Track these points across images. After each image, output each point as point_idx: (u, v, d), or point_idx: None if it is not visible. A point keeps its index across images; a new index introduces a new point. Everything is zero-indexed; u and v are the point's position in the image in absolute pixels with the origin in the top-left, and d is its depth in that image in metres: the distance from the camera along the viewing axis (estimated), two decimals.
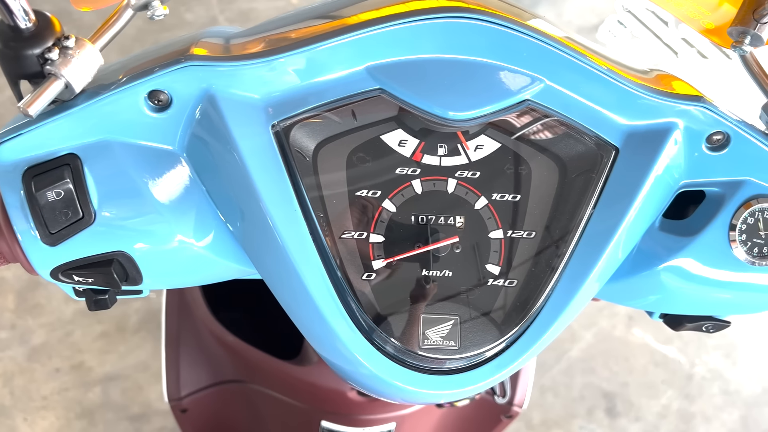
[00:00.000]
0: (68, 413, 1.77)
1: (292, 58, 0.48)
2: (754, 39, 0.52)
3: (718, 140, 0.54)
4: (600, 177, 0.52)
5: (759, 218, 0.54)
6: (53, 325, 1.87)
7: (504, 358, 0.53)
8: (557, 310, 0.52)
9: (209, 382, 1.11)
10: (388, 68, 0.50)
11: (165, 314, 1.10)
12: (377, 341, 0.52)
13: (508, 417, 1.19)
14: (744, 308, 0.58)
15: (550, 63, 0.51)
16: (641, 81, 0.53)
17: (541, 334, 0.53)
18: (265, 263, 0.52)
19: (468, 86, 0.50)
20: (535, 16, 0.56)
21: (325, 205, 0.51)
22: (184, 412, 1.13)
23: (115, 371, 1.83)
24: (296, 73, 0.49)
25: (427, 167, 0.53)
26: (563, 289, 0.52)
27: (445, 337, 0.52)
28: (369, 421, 0.99)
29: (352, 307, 0.51)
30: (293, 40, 0.49)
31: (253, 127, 0.49)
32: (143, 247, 0.50)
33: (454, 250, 0.53)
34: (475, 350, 0.52)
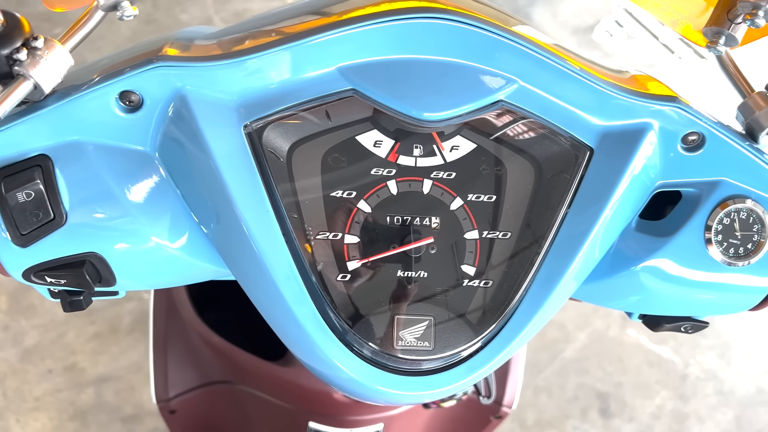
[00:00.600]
0: (61, 414, 1.77)
1: (263, 58, 0.48)
2: (728, 39, 0.52)
3: (694, 141, 0.54)
4: (574, 177, 0.52)
5: (735, 219, 0.54)
6: (46, 326, 1.87)
7: (479, 358, 0.53)
8: (532, 310, 0.52)
9: (197, 383, 1.11)
10: (361, 69, 0.49)
11: (152, 315, 1.10)
12: (351, 343, 0.51)
13: (498, 417, 1.19)
14: (721, 309, 0.58)
15: (524, 64, 0.51)
16: (616, 82, 0.53)
17: (516, 333, 0.52)
18: (238, 265, 0.52)
19: (441, 87, 0.50)
20: (515, 19, 0.56)
21: (300, 206, 0.51)
22: (172, 413, 1.13)
23: (108, 372, 1.83)
24: (267, 73, 0.49)
25: (403, 168, 0.53)
26: (538, 288, 0.52)
27: (419, 338, 0.52)
28: (356, 422, 0.98)
29: (325, 309, 0.51)
30: (264, 41, 0.49)
31: (225, 128, 0.48)
32: (115, 248, 0.50)
33: (430, 250, 0.53)
34: (449, 351, 0.52)
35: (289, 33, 0.49)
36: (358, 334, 0.51)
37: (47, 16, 2.53)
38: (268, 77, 0.49)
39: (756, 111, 0.53)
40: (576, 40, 2.93)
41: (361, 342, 0.51)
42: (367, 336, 0.52)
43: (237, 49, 0.49)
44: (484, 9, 0.53)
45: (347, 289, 0.52)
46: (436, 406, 0.99)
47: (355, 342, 0.51)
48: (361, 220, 0.52)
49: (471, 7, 0.52)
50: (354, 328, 0.51)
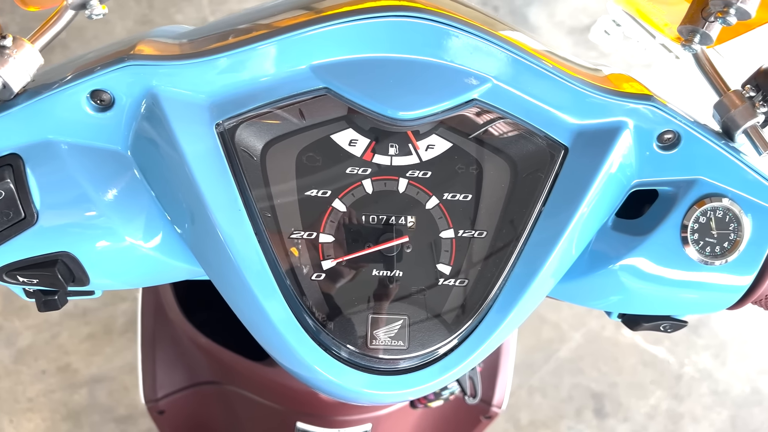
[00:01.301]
0: (54, 415, 1.77)
1: (234, 56, 0.48)
2: (703, 37, 0.52)
3: (669, 139, 0.54)
4: (549, 176, 0.52)
5: (711, 217, 0.54)
6: (40, 327, 1.87)
7: (455, 357, 0.53)
8: (507, 308, 0.52)
9: (186, 384, 1.10)
10: (334, 67, 0.49)
11: (141, 315, 1.10)
12: (324, 342, 0.51)
13: (487, 417, 1.18)
14: (699, 308, 0.58)
15: (498, 62, 0.51)
16: (591, 80, 0.53)
17: (491, 331, 0.52)
18: (210, 265, 0.52)
19: (415, 86, 0.50)
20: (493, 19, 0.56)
21: (274, 205, 0.51)
22: (161, 414, 1.12)
23: (101, 373, 1.83)
24: (239, 72, 0.49)
25: (378, 167, 0.52)
26: (512, 287, 0.52)
27: (393, 337, 0.52)
28: (344, 422, 0.98)
29: (298, 308, 0.51)
30: (236, 39, 0.49)
31: (197, 127, 0.48)
32: (88, 248, 0.50)
33: (405, 249, 0.53)
34: (424, 350, 0.52)
35: (260, 31, 0.49)
36: (331, 333, 0.51)
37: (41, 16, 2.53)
38: (240, 76, 0.49)
39: (731, 109, 0.53)
40: (572, 41, 2.93)
41: (335, 341, 0.51)
42: (340, 335, 0.51)
43: (208, 48, 0.48)
44: (459, 8, 0.53)
45: (322, 288, 0.52)
46: (423, 406, 0.99)
47: (328, 342, 0.51)
48: (336, 219, 0.52)
49: (446, 6, 0.52)
50: (327, 328, 0.51)
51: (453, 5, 0.53)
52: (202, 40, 0.50)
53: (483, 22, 0.52)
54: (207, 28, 0.53)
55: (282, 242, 0.51)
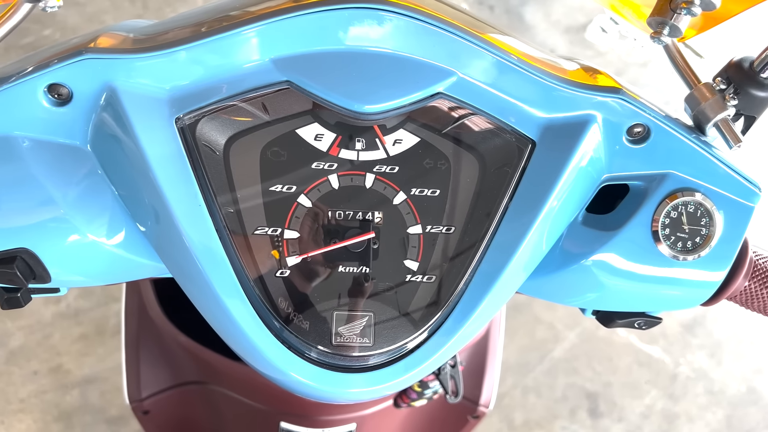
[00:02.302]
0: (45, 416, 1.76)
1: (192, 49, 0.47)
2: (672, 30, 0.51)
3: (639, 133, 0.53)
4: (516, 170, 0.52)
5: (682, 212, 0.53)
6: (32, 327, 1.86)
7: (422, 353, 0.52)
8: (474, 303, 0.51)
9: (170, 384, 1.10)
10: (296, 60, 0.49)
11: (124, 315, 1.09)
12: (288, 340, 0.51)
13: (475, 417, 1.18)
14: (673, 304, 0.57)
15: (463, 55, 0.50)
16: (560, 73, 0.52)
17: (459, 326, 0.52)
18: (173, 262, 0.51)
19: (378, 79, 0.49)
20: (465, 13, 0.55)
21: (237, 200, 0.50)
22: (146, 414, 1.12)
23: (93, 374, 1.82)
24: (198, 65, 0.48)
25: (345, 162, 0.52)
26: (480, 282, 0.51)
27: (358, 335, 0.51)
28: (328, 422, 0.98)
29: (261, 305, 0.50)
30: (195, 32, 0.48)
31: (156, 121, 0.48)
32: (47, 245, 0.49)
33: (372, 245, 0.52)
34: (390, 346, 0.51)
35: (220, 24, 0.48)
36: (295, 331, 0.51)
37: (36, 17, 2.53)
38: (199, 69, 0.48)
39: (702, 102, 0.52)
40: (568, 39, 2.92)
41: (298, 339, 0.51)
42: (303, 333, 0.51)
43: (166, 41, 0.48)
44: (426, 1, 0.52)
45: (286, 285, 0.51)
46: (406, 405, 0.98)
47: (291, 339, 0.51)
48: (302, 215, 0.51)
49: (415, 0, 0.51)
50: (290, 326, 0.51)
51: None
52: (162, 34, 0.50)
53: (451, 15, 0.51)
54: (169, 22, 0.53)
55: (246, 239, 0.50)
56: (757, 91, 0.52)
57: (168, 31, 0.50)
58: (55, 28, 2.49)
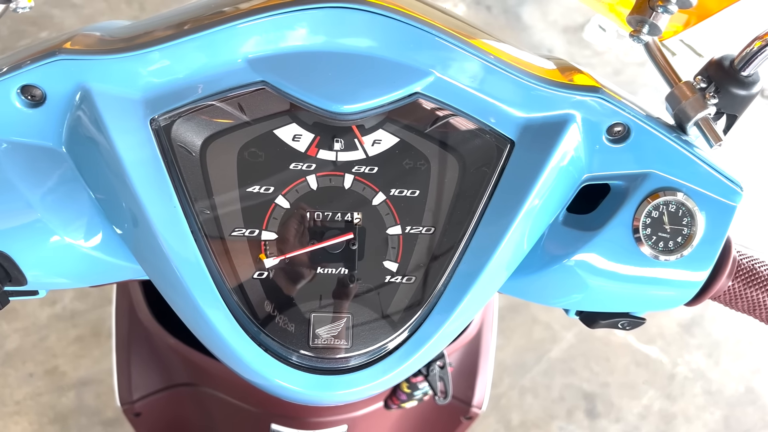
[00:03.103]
0: (41, 418, 1.76)
1: (166, 50, 0.47)
2: (651, 28, 0.51)
3: (619, 132, 0.53)
4: (494, 170, 0.51)
5: (663, 212, 0.53)
6: (28, 329, 1.86)
7: (401, 354, 0.51)
8: (453, 304, 0.51)
9: (161, 386, 1.09)
10: (271, 60, 0.48)
11: (114, 317, 1.09)
12: (265, 343, 0.50)
13: (468, 418, 1.17)
14: (656, 304, 0.57)
15: (440, 55, 0.50)
16: (538, 73, 0.52)
17: (438, 327, 0.51)
18: (149, 265, 0.51)
19: (355, 79, 0.49)
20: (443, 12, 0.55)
21: (214, 202, 0.50)
22: (137, 416, 1.11)
23: (89, 375, 1.82)
24: (172, 65, 0.48)
25: (323, 162, 0.51)
26: (459, 282, 0.51)
27: (336, 336, 0.51)
28: (319, 424, 0.97)
29: (237, 308, 0.50)
30: (169, 32, 0.48)
31: (131, 123, 0.47)
32: (23, 247, 0.49)
33: (350, 246, 0.52)
34: (368, 347, 0.51)
35: (194, 24, 0.48)
36: (272, 333, 0.50)
37: (33, 20, 2.53)
38: (173, 70, 0.48)
39: (682, 101, 0.52)
40: (566, 39, 2.92)
41: (275, 342, 0.50)
42: (282, 336, 0.50)
43: (140, 42, 0.48)
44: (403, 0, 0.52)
45: (264, 287, 0.51)
46: (396, 407, 0.98)
47: (268, 342, 0.50)
48: (280, 216, 0.51)
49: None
50: (267, 328, 0.50)
51: None
52: (136, 35, 0.49)
53: (429, 15, 0.51)
54: (145, 23, 0.52)
55: (223, 240, 0.50)
56: (738, 89, 0.51)
57: (142, 31, 0.50)
58: (52, 30, 2.49)
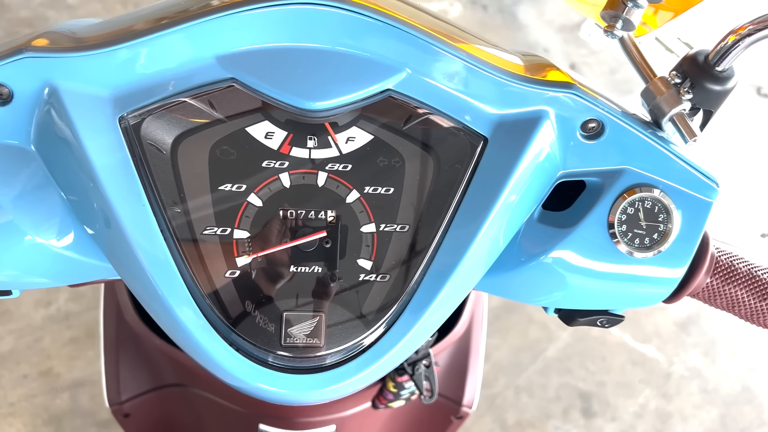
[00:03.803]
0: (35, 420, 1.76)
1: (134, 47, 0.47)
2: (625, 23, 0.51)
3: (593, 128, 0.52)
4: (467, 167, 0.51)
5: (639, 208, 0.53)
6: (22, 331, 1.86)
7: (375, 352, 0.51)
8: (428, 300, 0.50)
9: (150, 387, 1.09)
10: (240, 57, 0.48)
11: (102, 317, 1.09)
12: (237, 343, 0.50)
13: (458, 418, 1.17)
14: (633, 302, 0.56)
15: (412, 52, 0.49)
16: (512, 69, 0.52)
17: (412, 325, 0.51)
18: (119, 264, 0.50)
19: (325, 75, 0.48)
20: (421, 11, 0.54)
21: (185, 200, 0.50)
22: (126, 417, 1.11)
23: (83, 377, 1.82)
24: (140, 63, 0.47)
25: (296, 160, 0.51)
26: (432, 281, 0.51)
27: (309, 335, 0.51)
28: (307, 424, 0.97)
29: (208, 308, 0.49)
30: (137, 30, 0.48)
31: (99, 121, 0.47)
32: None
33: (324, 245, 0.51)
34: (341, 346, 0.51)
35: (162, 22, 0.48)
36: (244, 333, 0.50)
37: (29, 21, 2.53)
38: (141, 67, 0.48)
39: (657, 96, 0.52)
40: (562, 38, 2.92)
41: (247, 342, 0.50)
42: (254, 335, 0.50)
43: (108, 39, 0.47)
44: None
45: (236, 286, 0.50)
46: (384, 407, 0.98)
47: (241, 342, 0.50)
48: (252, 214, 0.51)
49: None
50: (239, 328, 0.50)
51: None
52: (105, 32, 0.49)
53: (401, 11, 0.51)
54: (114, 20, 0.52)
55: (194, 239, 0.50)
56: (713, 84, 0.51)
57: (111, 29, 0.49)
58: None
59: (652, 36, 1.93)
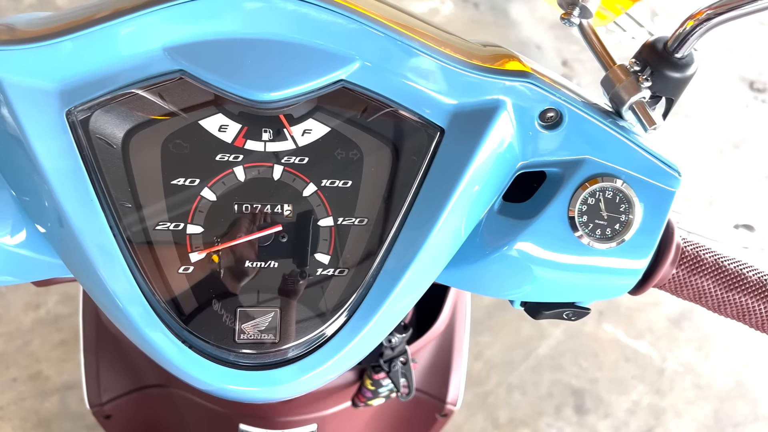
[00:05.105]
0: (25, 423, 1.75)
1: (79, 40, 0.46)
2: (582, 11, 0.50)
3: (551, 118, 0.51)
4: (424, 158, 0.50)
5: (600, 198, 0.52)
6: (11, 334, 1.86)
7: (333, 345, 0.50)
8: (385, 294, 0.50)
9: (131, 388, 1.09)
10: (188, 48, 0.47)
11: (81, 319, 1.08)
12: (189, 340, 0.49)
13: (443, 415, 1.16)
14: (598, 294, 0.56)
15: (365, 42, 0.49)
16: (467, 59, 0.51)
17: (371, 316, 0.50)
18: (70, 261, 0.50)
19: (276, 66, 0.48)
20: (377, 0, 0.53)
21: (138, 195, 0.49)
22: (108, 418, 1.11)
23: (73, 380, 1.81)
24: (86, 55, 0.47)
25: (251, 153, 0.50)
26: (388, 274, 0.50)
27: (264, 330, 0.50)
28: (287, 423, 0.96)
29: (160, 305, 0.49)
30: (82, 22, 0.47)
31: (46, 115, 0.46)
32: None
33: (280, 239, 0.51)
34: (298, 340, 0.50)
35: (108, 13, 0.47)
36: (197, 330, 0.49)
37: None
38: (87, 60, 0.47)
39: (616, 84, 0.51)
40: (554, 35, 2.91)
41: (200, 339, 0.49)
42: (206, 331, 0.49)
43: (52, 32, 0.47)
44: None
45: (190, 282, 0.50)
46: (363, 405, 0.97)
47: (192, 339, 0.49)
48: (206, 209, 0.50)
49: None
50: (192, 325, 0.49)
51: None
52: (51, 25, 0.48)
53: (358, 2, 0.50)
54: (62, 13, 0.51)
55: (146, 234, 0.49)
56: (672, 72, 0.50)
57: (58, 22, 0.49)
58: None
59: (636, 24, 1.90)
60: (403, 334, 0.86)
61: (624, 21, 2.85)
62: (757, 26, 3.01)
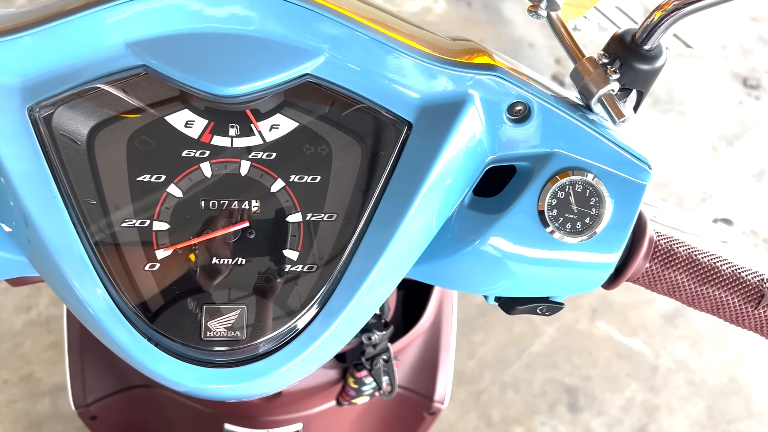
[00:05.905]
0: (16, 426, 1.75)
1: (38, 35, 0.46)
2: (549, 3, 0.49)
3: (520, 111, 0.51)
4: (392, 153, 0.50)
5: (570, 192, 0.51)
6: (2, 336, 1.85)
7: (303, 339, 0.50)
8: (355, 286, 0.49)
9: (116, 388, 1.08)
10: (151, 43, 0.47)
11: (66, 320, 1.08)
12: (155, 338, 0.49)
13: (431, 414, 1.16)
14: (571, 288, 0.55)
15: (330, 35, 0.48)
16: (434, 52, 0.50)
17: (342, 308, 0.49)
18: (37, 262, 0.49)
19: (240, 60, 0.47)
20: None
21: (103, 192, 0.49)
22: (93, 419, 1.10)
23: (64, 382, 1.78)
24: (47, 51, 0.46)
25: (218, 149, 0.50)
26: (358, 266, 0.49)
27: (230, 328, 0.49)
28: (273, 423, 0.96)
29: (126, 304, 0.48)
30: (42, 17, 0.47)
31: (6, 112, 0.46)
32: None
33: (247, 235, 0.50)
34: (261, 338, 0.49)
35: (69, 8, 0.47)
36: (163, 328, 0.49)
37: None
38: (49, 55, 0.47)
39: (585, 77, 0.51)
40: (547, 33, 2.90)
41: (166, 335, 0.49)
42: (172, 329, 0.49)
43: (12, 27, 0.46)
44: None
45: (156, 279, 0.49)
46: (347, 403, 0.97)
47: (157, 337, 0.49)
48: (172, 205, 0.50)
49: None
50: (158, 323, 0.49)
51: None
52: (12, 21, 0.48)
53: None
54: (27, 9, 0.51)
55: (112, 232, 0.49)
56: (641, 64, 0.50)
57: (19, 18, 0.48)
58: None
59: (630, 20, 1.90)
60: (383, 331, 0.86)
61: (592, 13, 2.85)
62: (749, 23, 3.01)
